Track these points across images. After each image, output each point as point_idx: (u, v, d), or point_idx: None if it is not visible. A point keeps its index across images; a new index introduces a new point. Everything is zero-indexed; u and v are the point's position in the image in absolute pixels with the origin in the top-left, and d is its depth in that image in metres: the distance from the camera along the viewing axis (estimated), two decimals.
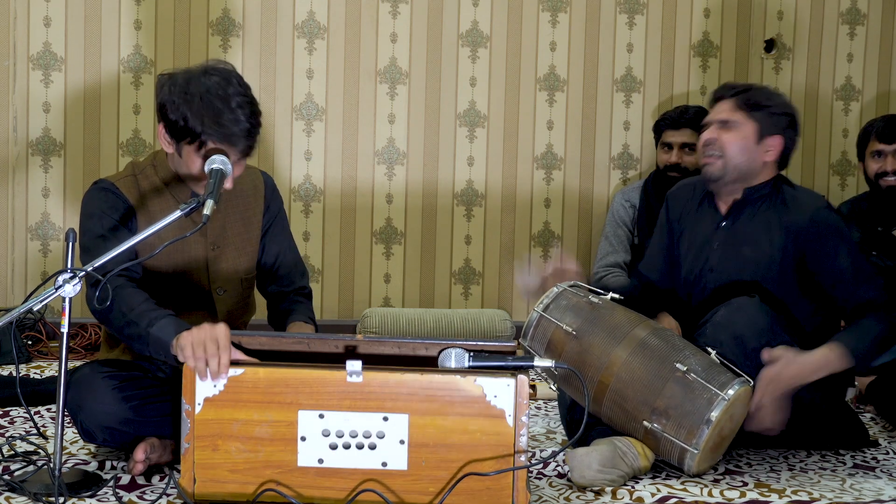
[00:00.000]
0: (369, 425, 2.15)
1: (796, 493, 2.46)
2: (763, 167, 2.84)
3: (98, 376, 2.42)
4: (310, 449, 2.16)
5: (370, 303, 4.36)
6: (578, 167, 4.46)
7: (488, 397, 2.14)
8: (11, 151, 4.11)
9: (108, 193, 2.52)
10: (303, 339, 2.33)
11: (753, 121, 2.82)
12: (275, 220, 2.73)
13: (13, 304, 4.11)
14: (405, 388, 2.15)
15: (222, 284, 2.62)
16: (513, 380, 2.14)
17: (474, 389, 2.14)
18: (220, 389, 2.16)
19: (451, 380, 2.15)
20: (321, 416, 2.15)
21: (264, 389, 2.16)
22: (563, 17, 4.40)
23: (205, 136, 2.40)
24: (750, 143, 2.82)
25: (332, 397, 2.15)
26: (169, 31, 4.17)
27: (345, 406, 2.15)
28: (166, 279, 2.54)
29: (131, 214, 2.52)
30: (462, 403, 2.15)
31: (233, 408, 2.16)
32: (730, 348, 2.57)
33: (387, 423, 2.15)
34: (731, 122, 2.82)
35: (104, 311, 2.34)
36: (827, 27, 4.60)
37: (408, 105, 4.33)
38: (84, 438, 2.46)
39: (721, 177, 2.84)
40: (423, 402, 2.15)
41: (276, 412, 2.16)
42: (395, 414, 2.15)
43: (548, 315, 2.64)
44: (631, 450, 2.51)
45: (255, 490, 2.16)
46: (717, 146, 2.82)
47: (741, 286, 2.78)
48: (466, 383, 2.14)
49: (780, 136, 2.84)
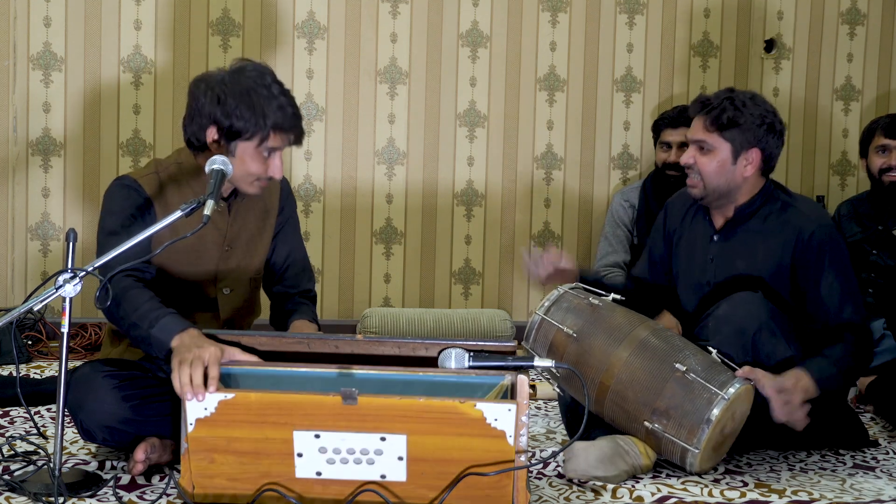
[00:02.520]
0: (367, 444, 2.10)
1: (796, 494, 2.46)
2: (745, 182, 2.81)
3: (98, 375, 2.42)
4: (307, 463, 2.12)
5: (370, 303, 4.36)
6: (578, 167, 4.46)
7: (488, 420, 2.07)
8: (11, 151, 4.11)
9: (130, 190, 2.51)
10: (303, 339, 2.33)
11: (726, 140, 2.78)
12: (287, 221, 2.74)
13: (13, 304, 4.11)
14: (402, 412, 2.07)
15: (229, 284, 2.62)
16: (513, 405, 2.07)
17: (474, 413, 2.07)
18: (212, 412, 2.10)
19: (451, 405, 2.07)
20: (317, 436, 2.10)
21: (257, 412, 2.10)
22: (563, 17, 4.40)
23: (261, 129, 2.41)
24: (726, 164, 2.79)
25: (328, 419, 2.08)
26: (169, 31, 4.17)
27: (341, 427, 2.09)
28: (173, 277, 2.54)
29: (152, 211, 2.51)
30: (461, 425, 2.08)
31: (226, 427, 2.11)
32: (731, 342, 2.58)
33: (384, 442, 2.10)
34: (705, 144, 2.80)
35: (111, 311, 2.34)
36: (827, 27, 4.60)
37: (408, 105, 4.33)
38: (84, 438, 2.46)
39: (703, 197, 2.84)
40: (422, 423, 2.08)
41: (270, 431, 2.10)
42: (393, 434, 2.09)
43: (549, 318, 2.64)
44: (633, 448, 2.52)
45: (255, 491, 2.15)
46: (696, 170, 2.82)
47: (742, 283, 2.78)
48: (466, 408, 2.07)
49: (757, 147, 2.79)
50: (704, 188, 2.82)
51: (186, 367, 2.13)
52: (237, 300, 2.65)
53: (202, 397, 2.10)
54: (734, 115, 2.77)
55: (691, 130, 2.86)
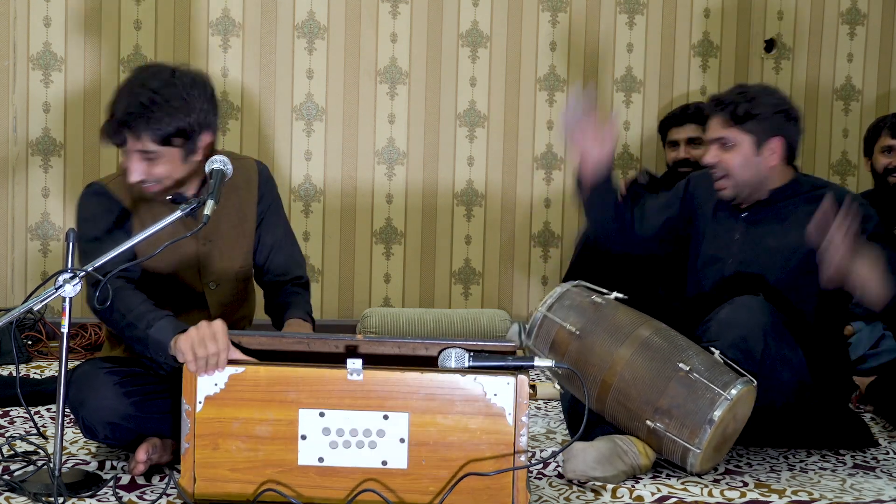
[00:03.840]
0: (369, 423, 2.16)
1: (796, 494, 2.46)
2: (772, 171, 2.82)
3: (100, 372, 2.42)
4: (310, 447, 2.17)
5: (370, 303, 4.36)
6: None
7: (488, 395, 2.14)
8: (11, 151, 4.11)
9: (101, 197, 2.52)
10: (303, 339, 2.33)
11: (746, 133, 2.79)
12: (269, 209, 2.70)
13: (13, 304, 4.11)
14: (405, 387, 2.15)
15: (215, 279, 2.61)
16: (513, 378, 2.14)
17: (474, 387, 2.15)
18: (221, 388, 2.16)
19: (452, 378, 2.16)
20: (321, 414, 2.16)
21: (265, 388, 2.16)
22: (563, 17, 4.40)
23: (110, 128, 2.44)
24: (750, 157, 2.80)
25: (333, 395, 2.16)
26: (169, 31, 4.17)
27: (345, 404, 2.16)
28: (159, 276, 2.53)
29: (125, 215, 2.51)
30: (462, 402, 2.15)
31: (233, 406, 2.17)
32: (732, 346, 2.57)
33: (387, 421, 2.16)
34: (726, 140, 2.81)
35: (105, 312, 2.34)
36: (827, 27, 4.60)
37: (408, 105, 4.33)
38: (86, 435, 2.46)
39: (736, 196, 2.85)
40: (424, 400, 2.15)
41: (276, 411, 2.16)
42: (396, 412, 2.15)
43: (551, 315, 2.64)
44: (631, 448, 2.52)
45: (256, 490, 2.16)
46: (721, 168, 2.82)
47: (751, 280, 2.77)
48: (466, 381, 2.15)
49: (778, 135, 2.81)
50: (734, 186, 2.82)
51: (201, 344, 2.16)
52: (225, 295, 2.64)
53: (221, 370, 2.16)
54: (750, 107, 2.78)
55: (709, 130, 2.86)
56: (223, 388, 2.17)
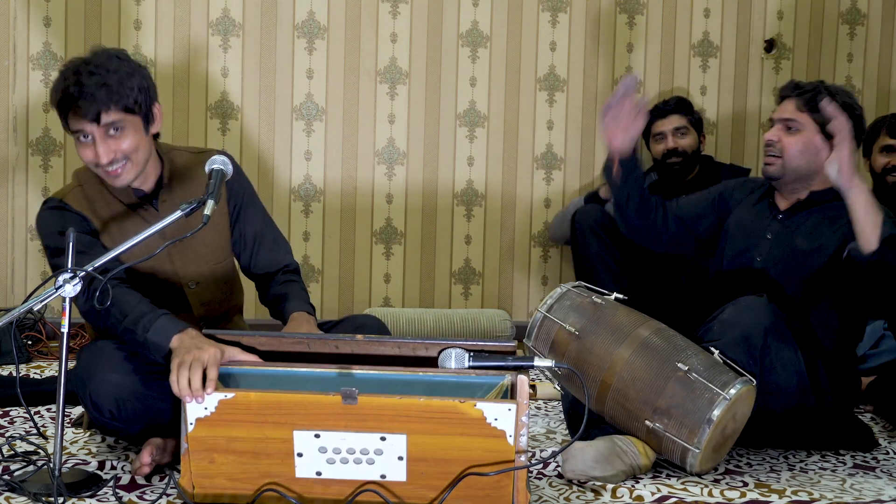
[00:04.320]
0: (367, 444, 2.10)
1: (796, 494, 2.46)
2: (821, 169, 2.82)
3: (107, 345, 2.41)
4: (307, 463, 2.12)
5: (370, 303, 4.36)
6: (578, 167, 4.46)
7: (488, 420, 2.07)
8: (11, 151, 4.11)
9: (60, 211, 2.52)
10: (303, 339, 2.32)
11: (816, 122, 2.81)
12: (243, 201, 2.68)
13: (13, 304, 4.11)
14: (402, 412, 2.07)
15: (193, 278, 2.60)
16: (513, 405, 2.07)
17: (474, 413, 2.07)
18: (212, 411, 2.10)
19: (451, 405, 2.07)
20: (317, 435, 2.10)
21: (257, 411, 2.10)
22: (563, 17, 4.40)
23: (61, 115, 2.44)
24: (810, 146, 2.82)
25: (328, 419, 2.09)
26: (169, 31, 4.17)
27: (340, 426, 2.09)
28: (138, 280, 2.51)
29: (86, 224, 2.50)
30: (461, 425, 2.08)
31: (226, 427, 2.11)
32: (735, 346, 2.57)
33: (384, 442, 2.10)
34: (794, 123, 2.83)
35: (102, 313, 2.33)
36: (827, 27, 4.60)
37: (408, 105, 4.33)
38: (91, 414, 2.42)
39: (780, 176, 2.87)
40: (422, 423, 2.08)
41: (270, 430, 2.10)
42: (393, 434, 2.09)
43: (551, 315, 2.65)
44: (631, 448, 2.52)
45: (256, 491, 2.15)
46: (778, 147, 2.84)
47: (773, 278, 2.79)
48: (466, 408, 2.06)
49: None
50: (783, 167, 2.84)
51: (185, 370, 2.12)
52: (207, 294, 2.63)
53: (201, 400, 2.10)
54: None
55: (780, 110, 2.88)
56: (213, 412, 2.10)
